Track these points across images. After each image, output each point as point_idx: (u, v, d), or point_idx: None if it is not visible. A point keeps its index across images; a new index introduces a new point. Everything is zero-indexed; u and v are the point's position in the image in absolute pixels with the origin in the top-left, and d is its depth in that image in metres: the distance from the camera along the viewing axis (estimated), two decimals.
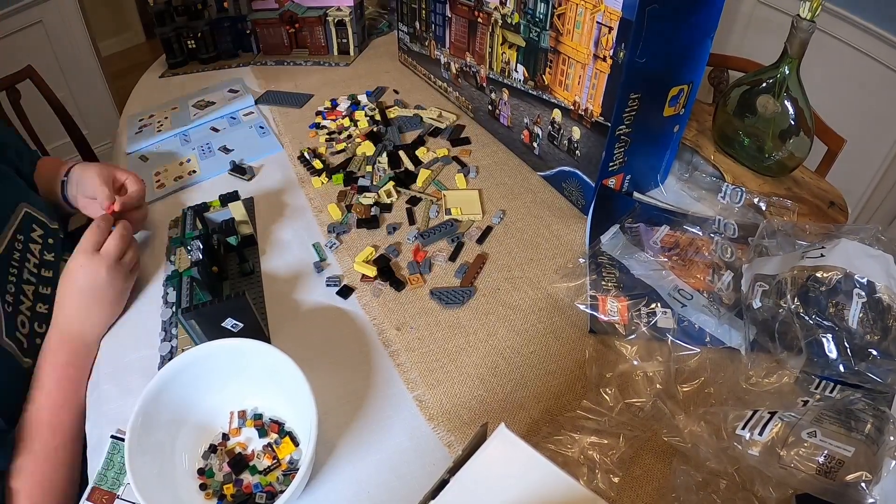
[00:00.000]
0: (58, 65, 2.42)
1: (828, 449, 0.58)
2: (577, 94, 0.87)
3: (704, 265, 0.84)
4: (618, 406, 0.68)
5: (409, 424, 0.70)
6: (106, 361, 0.80)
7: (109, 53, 3.37)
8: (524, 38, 0.94)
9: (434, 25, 1.19)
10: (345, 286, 0.86)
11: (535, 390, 0.73)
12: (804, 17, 0.86)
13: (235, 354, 0.67)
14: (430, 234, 0.92)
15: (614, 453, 0.64)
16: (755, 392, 0.67)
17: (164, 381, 0.64)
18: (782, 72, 0.91)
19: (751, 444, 0.60)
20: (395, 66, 1.41)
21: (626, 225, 0.90)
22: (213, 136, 1.20)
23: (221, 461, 0.67)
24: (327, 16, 1.41)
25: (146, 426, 0.62)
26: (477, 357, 0.76)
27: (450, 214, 0.95)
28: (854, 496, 0.55)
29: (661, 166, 0.99)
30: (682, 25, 0.78)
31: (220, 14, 1.41)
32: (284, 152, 1.14)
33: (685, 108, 0.90)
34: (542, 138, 0.99)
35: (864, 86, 1.86)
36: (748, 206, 0.93)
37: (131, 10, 3.65)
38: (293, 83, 1.36)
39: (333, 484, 0.65)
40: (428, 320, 0.81)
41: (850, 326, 0.66)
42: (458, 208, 0.95)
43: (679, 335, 0.75)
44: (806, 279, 0.71)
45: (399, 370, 0.76)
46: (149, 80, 1.44)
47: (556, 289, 0.84)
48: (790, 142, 0.95)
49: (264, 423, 0.69)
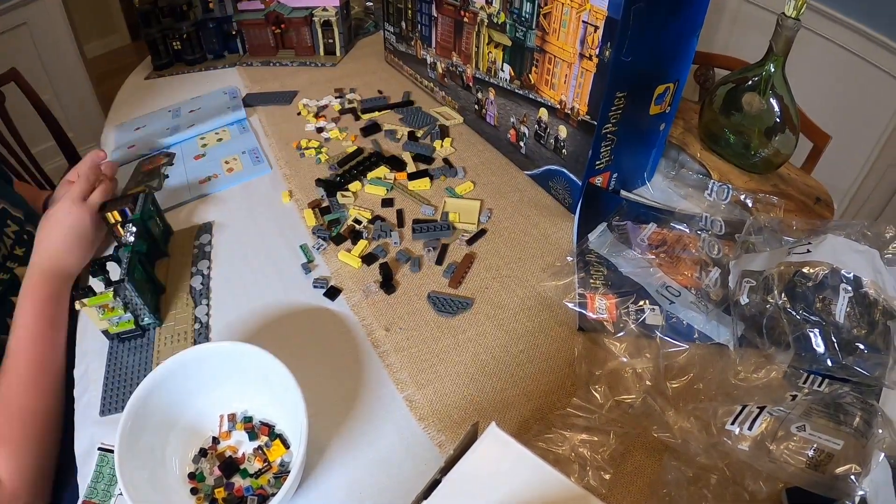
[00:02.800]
0: (42, 67, 2.40)
1: (817, 442, 0.58)
2: (563, 92, 0.88)
3: (692, 262, 0.84)
4: (608, 403, 0.68)
5: (399, 425, 0.70)
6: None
7: (94, 55, 3.35)
8: (510, 37, 0.94)
9: (420, 25, 1.19)
10: (331, 287, 0.85)
11: (525, 389, 0.73)
12: (789, 14, 0.86)
13: (224, 357, 0.67)
14: (423, 229, 0.92)
15: (605, 450, 0.64)
16: (744, 387, 0.68)
17: (152, 386, 0.64)
18: (768, 69, 0.92)
19: (740, 438, 0.60)
20: (382, 66, 1.41)
21: (613, 223, 0.90)
22: (200, 161, 1.14)
23: (212, 465, 0.66)
24: (313, 16, 1.40)
25: (135, 431, 0.61)
26: (466, 356, 0.76)
27: (446, 219, 0.95)
28: (844, 489, 0.55)
29: (647, 164, 0.99)
30: (667, 24, 0.78)
31: (205, 15, 1.40)
32: (276, 170, 1.10)
33: (671, 107, 0.90)
34: (529, 137, 0.99)
35: (848, 83, 1.87)
36: (735, 203, 0.93)
37: (116, 11, 3.62)
38: (279, 84, 1.35)
39: (325, 486, 0.65)
40: (417, 321, 0.81)
41: (837, 321, 0.67)
42: (457, 214, 0.95)
43: (667, 332, 0.75)
44: (793, 275, 0.71)
45: (389, 371, 0.76)
46: (134, 81, 1.43)
47: (544, 287, 0.84)
48: (776, 139, 0.96)
49: (254, 425, 0.69)
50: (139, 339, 0.82)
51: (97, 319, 0.78)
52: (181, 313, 0.85)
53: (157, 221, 0.92)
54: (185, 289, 0.88)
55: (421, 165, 1.07)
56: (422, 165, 1.07)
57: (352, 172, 1.05)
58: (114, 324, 0.79)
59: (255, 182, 1.07)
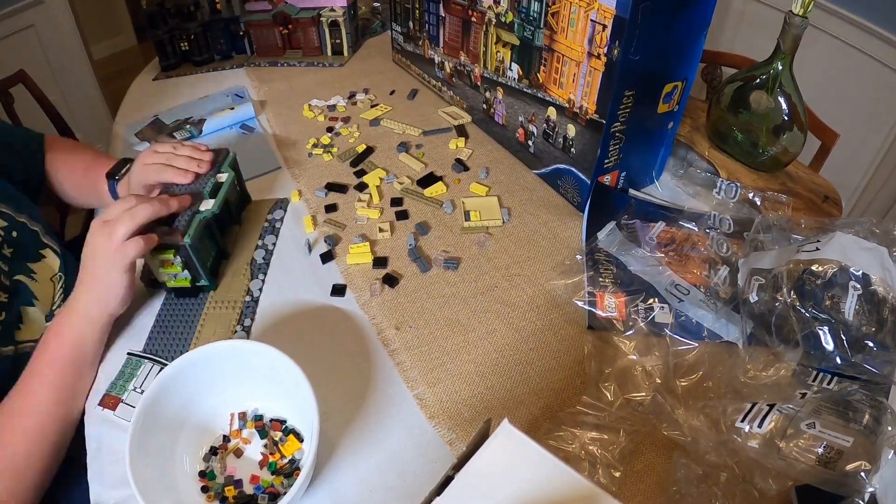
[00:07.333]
0: (50, 69, 2.41)
1: (827, 440, 0.58)
2: (571, 91, 0.88)
3: (701, 260, 0.85)
4: (617, 401, 0.68)
5: (409, 423, 0.71)
6: None
7: (101, 57, 3.36)
8: (518, 36, 0.95)
9: (428, 25, 1.19)
10: (334, 286, 0.86)
11: (535, 387, 0.73)
12: (797, 12, 0.86)
13: (234, 356, 0.67)
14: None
15: (615, 448, 0.64)
16: (753, 385, 0.68)
17: (164, 383, 0.64)
18: (775, 67, 0.92)
19: (750, 436, 0.60)
20: (389, 65, 1.41)
21: (622, 221, 0.90)
22: None
23: (223, 463, 0.67)
24: (321, 16, 1.41)
25: (147, 428, 0.62)
26: (476, 355, 0.77)
27: (469, 220, 0.95)
28: (854, 486, 0.55)
29: (655, 163, 0.99)
30: (675, 22, 0.78)
31: (212, 16, 1.41)
32: (284, 170, 1.10)
33: (679, 105, 0.90)
34: (538, 136, 1.00)
35: (856, 80, 1.87)
36: (743, 202, 0.93)
37: (122, 13, 3.63)
38: (287, 84, 1.36)
39: (335, 483, 0.65)
40: (427, 319, 0.81)
41: (846, 319, 0.67)
42: (478, 212, 0.95)
43: (677, 330, 0.75)
44: (802, 272, 0.71)
45: (399, 369, 0.76)
46: (142, 82, 1.44)
47: (553, 286, 0.85)
48: (784, 137, 0.95)
49: (265, 423, 0.69)
50: (192, 299, 0.84)
51: (157, 270, 0.80)
52: (237, 283, 0.86)
53: (235, 186, 0.92)
54: (246, 259, 0.90)
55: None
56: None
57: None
58: (171, 278, 0.81)
59: (263, 178, 1.08)
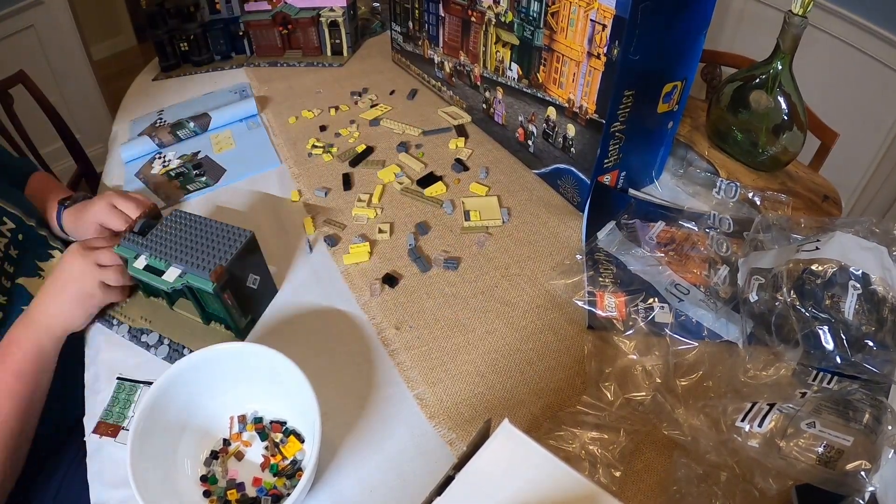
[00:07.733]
0: (50, 69, 2.41)
1: (827, 439, 0.58)
2: (571, 91, 0.88)
3: (700, 260, 0.85)
4: (617, 401, 0.68)
5: (410, 423, 0.71)
6: None
7: (100, 57, 3.36)
8: (518, 36, 0.95)
9: (427, 25, 1.20)
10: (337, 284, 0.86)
11: (535, 387, 0.73)
12: (796, 12, 0.86)
13: (233, 358, 0.67)
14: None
15: (615, 448, 0.64)
16: (753, 385, 0.68)
17: (164, 387, 0.64)
18: (775, 67, 0.92)
19: (750, 435, 0.60)
20: (389, 65, 1.41)
21: (622, 221, 0.90)
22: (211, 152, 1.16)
23: (224, 467, 0.67)
24: (320, 16, 1.41)
25: (147, 432, 0.61)
26: (476, 355, 0.77)
27: (469, 219, 0.95)
28: (854, 485, 0.55)
29: (655, 162, 0.99)
30: (675, 22, 0.78)
31: (212, 16, 1.41)
32: (284, 166, 1.11)
33: (679, 105, 0.90)
34: (537, 136, 1.00)
35: (856, 80, 1.87)
36: (743, 201, 0.93)
37: (122, 13, 3.63)
38: (287, 84, 1.36)
39: (336, 485, 0.66)
40: (427, 319, 0.81)
41: (845, 318, 0.67)
42: (478, 212, 0.96)
43: (677, 330, 0.75)
44: (801, 272, 0.71)
45: (399, 369, 0.76)
46: (142, 83, 1.44)
47: (553, 285, 0.85)
48: (783, 136, 0.96)
49: (265, 426, 0.69)
50: None
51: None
52: None
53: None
54: None
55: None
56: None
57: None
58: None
59: (263, 176, 1.08)
